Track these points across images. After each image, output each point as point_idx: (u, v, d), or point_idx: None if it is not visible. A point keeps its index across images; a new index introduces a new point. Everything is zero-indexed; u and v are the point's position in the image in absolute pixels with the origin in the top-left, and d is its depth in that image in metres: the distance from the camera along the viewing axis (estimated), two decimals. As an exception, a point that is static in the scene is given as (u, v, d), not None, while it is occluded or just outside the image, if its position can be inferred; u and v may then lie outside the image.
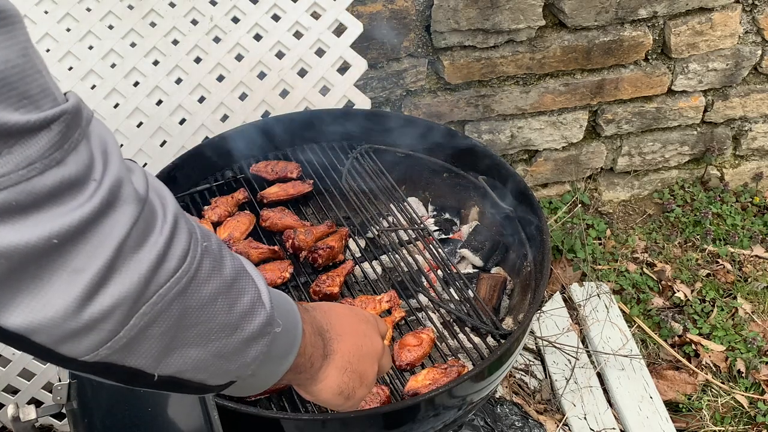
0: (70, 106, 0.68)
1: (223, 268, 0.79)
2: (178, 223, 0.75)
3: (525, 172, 2.96)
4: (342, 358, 1.05)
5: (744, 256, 2.88)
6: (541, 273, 1.76)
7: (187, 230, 0.76)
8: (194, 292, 0.75)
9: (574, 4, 2.57)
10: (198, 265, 0.75)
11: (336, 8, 2.28)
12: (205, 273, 0.76)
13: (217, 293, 0.78)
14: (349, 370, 1.06)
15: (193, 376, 0.80)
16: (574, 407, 2.29)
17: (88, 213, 0.66)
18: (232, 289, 0.80)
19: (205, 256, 0.77)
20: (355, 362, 1.07)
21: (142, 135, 2.16)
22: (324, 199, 2.05)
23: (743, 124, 3.06)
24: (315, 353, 1.00)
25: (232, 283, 0.80)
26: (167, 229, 0.73)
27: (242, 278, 0.82)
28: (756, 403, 2.40)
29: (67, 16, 2.17)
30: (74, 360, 0.71)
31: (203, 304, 0.76)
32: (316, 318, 1.03)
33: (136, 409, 1.30)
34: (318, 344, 1.01)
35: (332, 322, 1.06)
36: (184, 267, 0.74)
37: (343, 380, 1.05)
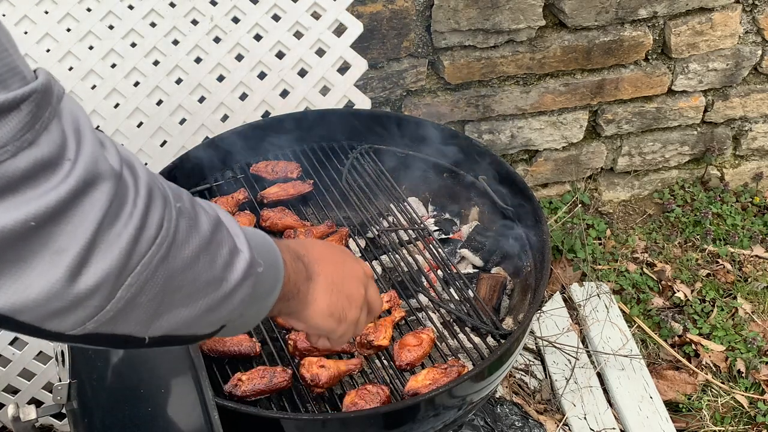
0: (40, 84, 0.67)
1: (200, 224, 0.80)
2: (152, 192, 0.74)
3: (525, 172, 2.96)
4: (326, 279, 1.06)
5: (744, 256, 2.88)
6: (541, 273, 1.76)
7: (161, 196, 0.76)
8: (176, 255, 0.76)
9: (574, 4, 2.57)
10: (176, 228, 0.76)
11: (336, 8, 2.28)
12: (183, 234, 0.77)
13: (198, 251, 0.78)
14: (336, 290, 1.07)
15: (185, 332, 0.81)
16: (574, 407, 2.29)
17: (64, 194, 0.66)
18: (212, 244, 0.80)
19: (181, 218, 0.77)
20: (340, 282, 1.08)
21: (142, 135, 2.16)
22: (324, 199, 2.05)
23: (743, 124, 3.06)
24: (299, 278, 1.01)
25: (210, 238, 0.80)
26: (142, 200, 0.73)
27: (219, 230, 0.82)
28: (756, 403, 2.40)
29: (67, 16, 2.17)
30: (62, 334, 0.71)
31: (186, 265, 0.77)
32: (291, 246, 1.04)
33: (136, 409, 1.30)
34: (300, 269, 1.02)
35: (308, 248, 1.08)
36: (163, 233, 0.74)
37: (332, 300, 1.07)
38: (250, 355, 1.63)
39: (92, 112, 2.14)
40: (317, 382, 1.55)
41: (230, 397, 1.54)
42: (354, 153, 2.13)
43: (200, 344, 1.60)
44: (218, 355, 1.63)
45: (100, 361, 1.38)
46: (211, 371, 1.60)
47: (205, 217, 0.81)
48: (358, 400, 1.53)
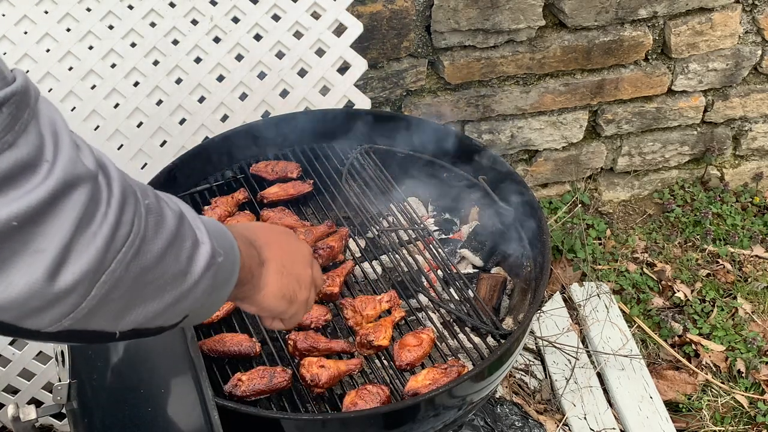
0: (19, 86, 0.68)
1: (166, 220, 0.81)
2: (125, 192, 0.76)
3: (525, 172, 2.96)
4: (276, 262, 1.10)
5: (744, 256, 2.88)
6: (541, 273, 1.76)
7: (132, 194, 0.77)
8: (147, 251, 0.77)
9: (574, 4, 2.57)
10: (145, 225, 0.77)
11: (336, 8, 2.28)
12: (152, 231, 0.78)
13: (166, 246, 0.80)
14: (286, 272, 1.11)
15: (152, 324, 0.83)
16: (574, 407, 2.29)
17: (45, 195, 0.67)
18: (177, 238, 0.82)
19: (149, 215, 0.79)
20: (289, 265, 1.13)
21: (142, 135, 2.16)
22: (324, 199, 2.05)
23: (743, 124, 3.06)
24: (252, 264, 1.05)
25: (176, 232, 0.82)
26: (116, 200, 0.74)
27: (182, 223, 0.84)
28: (756, 403, 2.40)
29: (67, 16, 2.17)
30: (38, 332, 0.73)
31: (156, 260, 0.79)
32: (242, 232, 1.07)
33: (136, 409, 1.30)
34: (253, 255, 1.05)
35: (257, 233, 1.11)
36: (134, 230, 0.76)
37: (283, 282, 1.11)
38: (250, 355, 1.63)
39: (92, 112, 2.14)
40: (317, 382, 1.55)
41: (230, 397, 1.54)
42: (354, 153, 2.13)
43: (200, 344, 1.60)
44: (218, 355, 1.63)
45: (100, 361, 1.38)
46: (211, 371, 1.60)
47: (170, 211, 0.83)
48: (358, 400, 1.53)
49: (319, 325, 1.69)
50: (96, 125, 2.14)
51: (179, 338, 1.34)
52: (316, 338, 1.64)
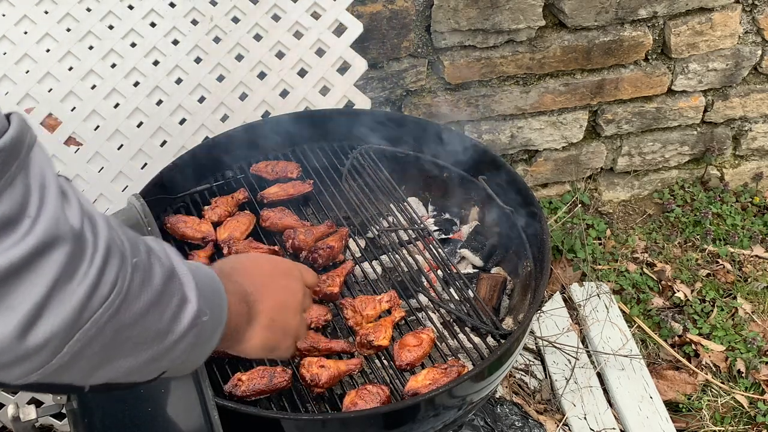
0: (10, 138, 0.66)
1: (153, 278, 0.79)
2: (110, 249, 0.74)
3: (525, 172, 2.96)
4: (266, 317, 1.08)
5: (744, 256, 2.88)
6: (541, 273, 1.76)
7: (119, 252, 0.75)
8: (126, 311, 0.76)
9: (574, 4, 2.57)
10: (129, 284, 0.75)
11: (336, 8, 2.28)
12: (136, 290, 0.77)
13: (149, 306, 0.78)
14: (273, 326, 1.10)
15: (126, 379, 0.82)
16: (574, 407, 2.29)
17: (22, 253, 0.66)
18: (163, 296, 0.80)
19: (136, 273, 0.77)
20: (279, 318, 1.11)
21: (142, 135, 2.16)
22: (324, 199, 2.05)
23: (743, 124, 3.06)
24: (240, 321, 1.03)
25: (162, 290, 0.80)
26: (99, 258, 0.72)
27: (172, 280, 0.82)
28: (756, 403, 2.40)
29: (67, 16, 2.17)
30: (3, 383, 0.72)
31: (136, 319, 0.77)
32: (239, 284, 1.04)
33: (136, 409, 1.30)
34: (243, 311, 1.04)
35: (255, 283, 1.08)
36: (116, 290, 0.74)
37: (267, 336, 1.09)
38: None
39: (92, 112, 2.14)
40: (317, 382, 1.55)
41: (230, 397, 1.54)
42: (354, 153, 2.13)
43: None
44: (218, 355, 1.63)
45: (100, 361, 1.37)
46: (211, 371, 1.60)
47: (159, 268, 0.81)
48: (358, 400, 1.53)
49: (319, 325, 1.69)
50: (96, 125, 2.14)
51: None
52: (316, 338, 1.64)
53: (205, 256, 1.84)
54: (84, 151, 2.12)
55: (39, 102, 2.10)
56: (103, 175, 2.12)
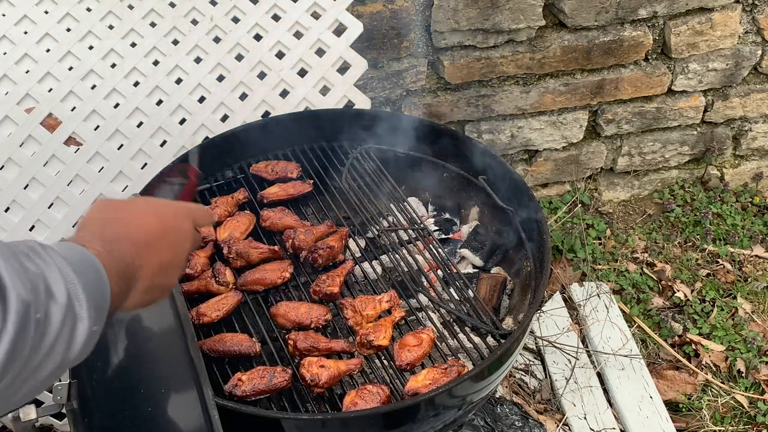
0: None
1: (50, 326, 0.82)
2: (17, 335, 0.76)
3: (525, 172, 2.96)
4: (146, 282, 1.07)
5: (744, 256, 2.88)
6: (541, 273, 1.76)
7: (24, 324, 0.78)
8: (25, 369, 0.80)
9: (574, 4, 2.57)
10: (30, 351, 0.78)
11: (336, 8, 2.28)
12: (36, 348, 0.80)
13: (45, 355, 0.82)
14: (153, 288, 1.10)
15: (28, 399, 0.86)
16: (574, 407, 2.29)
17: None
18: (60, 335, 0.84)
19: (37, 331, 0.79)
20: (160, 281, 1.11)
21: (142, 135, 2.16)
22: (324, 199, 2.05)
23: (743, 124, 3.06)
24: (119, 299, 1.02)
25: (59, 330, 0.83)
26: (3, 350, 0.75)
27: (67, 314, 0.84)
28: (756, 403, 2.40)
29: (67, 16, 2.17)
30: None
31: (34, 369, 0.81)
32: (120, 254, 1.02)
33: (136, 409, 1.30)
34: (123, 289, 1.03)
35: (138, 244, 1.07)
36: (17, 364, 0.77)
37: (146, 297, 1.10)
38: (250, 355, 1.63)
39: (92, 112, 2.14)
40: (317, 382, 1.55)
41: (230, 397, 1.54)
42: (354, 153, 2.13)
43: (200, 344, 1.60)
44: (218, 355, 1.63)
45: (100, 361, 1.38)
46: (211, 371, 1.60)
47: (56, 308, 0.83)
48: (358, 400, 1.53)
49: (319, 325, 1.69)
50: (96, 125, 2.14)
51: (179, 338, 1.34)
52: (316, 338, 1.64)
53: (205, 255, 1.84)
54: (84, 151, 2.12)
55: (39, 102, 2.10)
56: (103, 175, 2.12)
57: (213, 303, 1.72)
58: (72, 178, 2.10)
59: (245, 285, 1.79)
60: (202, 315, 1.69)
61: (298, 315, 1.69)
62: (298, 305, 1.72)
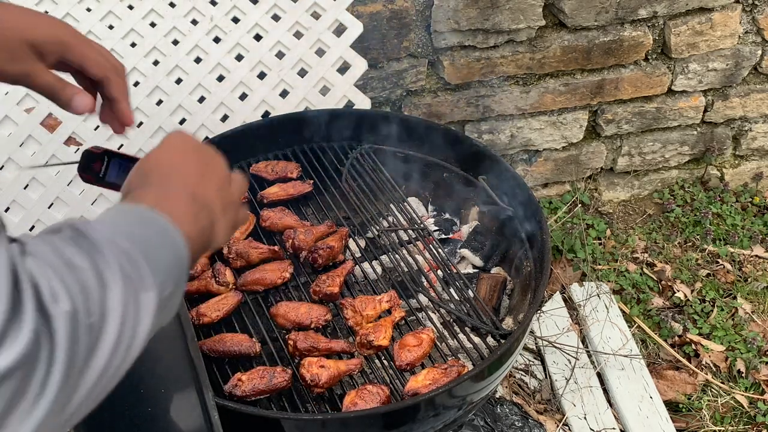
0: None
1: (107, 322, 0.74)
2: (71, 358, 0.70)
3: (525, 172, 2.96)
4: (217, 207, 0.99)
5: (744, 256, 2.88)
6: (541, 273, 1.77)
7: (74, 347, 0.70)
8: (84, 383, 0.74)
9: (574, 4, 2.57)
10: (84, 361, 0.72)
11: (336, 8, 2.28)
12: (92, 356, 0.73)
13: (109, 355, 0.75)
14: (228, 209, 1.02)
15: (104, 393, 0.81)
16: (574, 407, 2.29)
17: None
18: (123, 330, 0.76)
19: (91, 333, 0.72)
20: (227, 198, 1.03)
21: (143, 135, 2.16)
22: (324, 199, 2.05)
23: (743, 124, 3.06)
24: (202, 237, 0.95)
25: (121, 328, 0.76)
26: (54, 381, 0.68)
27: (129, 297, 0.77)
28: (756, 403, 2.40)
29: (67, 16, 2.17)
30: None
31: (98, 378, 0.76)
32: (185, 196, 0.95)
33: (136, 409, 1.30)
34: (200, 227, 0.95)
35: (195, 183, 0.99)
36: (69, 387, 0.71)
37: (227, 220, 1.02)
38: (250, 355, 1.63)
39: (92, 112, 2.14)
40: (317, 382, 1.55)
41: (230, 397, 1.54)
42: (354, 153, 2.13)
43: (200, 344, 1.60)
44: (218, 355, 1.63)
45: (100, 361, 1.37)
46: (211, 371, 1.60)
47: (113, 297, 0.75)
48: (358, 400, 1.53)
49: (319, 325, 1.69)
50: (96, 125, 2.14)
51: (179, 338, 1.34)
52: (316, 338, 1.64)
53: (205, 256, 1.84)
54: (84, 151, 2.12)
55: (39, 102, 2.10)
56: (103, 175, 2.12)
57: (213, 303, 1.72)
58: (72, 178, 2.10)
59: (245, 285, 1.79)
60: (202, 315, 1.69)
61: (298, 315, 1.69)
62: (298, 305, 1.72)
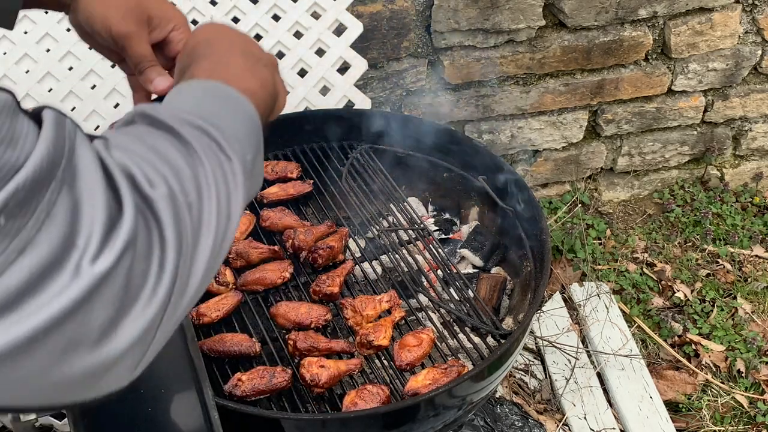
0: (33, 167, 0.53)
1: (203, 198, 0.71)
2: (180, 238, 0.66)
3: (525, 172, 2.96)
4: (265, 67, 1.09)
5: (744, 256, 2.88)
6: (541, 273, 1.77)
7: (178, 223, 0.66)
8: (192, 279, 0.70)
9: (574, 4, 2.57)
10: (192, 247, 0.68)
11: (336, 8, 2.28)
12: (197, 239, 0.69)
13: (214, 223, 0.72)
14: (265, 66, 1.10)
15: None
16: (574, 407, 2.29)
17: (72, 299, 0.56)
18: (220, 197, 0.73)
19: (192, 217, 0.69)
20: (256, 57, 1.08)
21: (142, 135, 2.16)
22: (324, 199, 2.05)
23: (743, 124, 3.06)
24: (267, 103, 1.06)
25: (219, 206, 0.73)
26: (168, 272, 0.64)
27: (224, 178, 0.75)
28: (756, 403, 2.40)
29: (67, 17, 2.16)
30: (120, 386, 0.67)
31: (207, 267, 0.71)
32: (251, 67, 1.02)
33: (136, 409, 1.30)
34: (268, 91, 1.05)
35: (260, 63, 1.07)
36: (180, 273, 0.66)
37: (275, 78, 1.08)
38: (250, 355, 1.63)
39: (92, 112, 2.14)
40: (317, 382, 1.55)
41: (230, 397, 1.54)
42: (354, 153, 2.13)
43: (200, 344, 1.60)
44: (218, 355, 1.63)
45: (100, 361, 1.37)
46: (211, 371, 1.60)
47: (204, 173, 0.72)
48: (358, 400, 1.53)
49: (319, 325, 1.69)
50: (96, 125, 2.14)
51: (179, 338, 1.34)
52: (316, 338, 1.64)
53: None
54: (84, 151, 2.12)
55: (39, 102, 2.10)
56: (103, 175, 2.12)
57: (213, 303, 1.72)
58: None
59: (245, 285, 1.79)
60: (202, 315, 1.69)
61: (298, 315, 1.69)
62: (298, 305, 1.72)
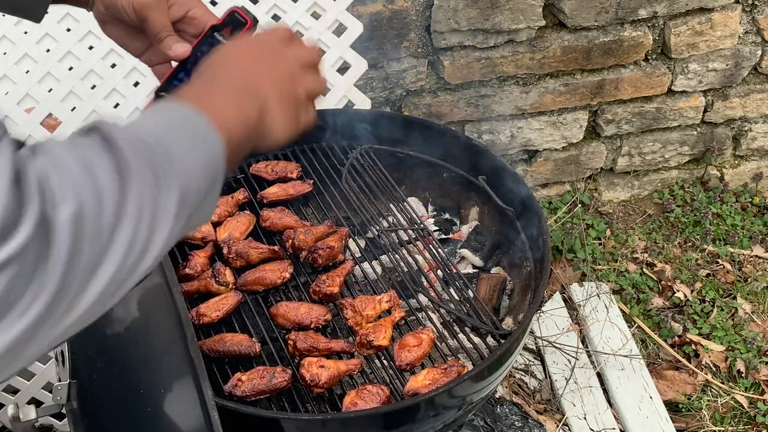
0: None
1: (119, 229, 0.69)
2: (74, 246, 0.66)
3: (525, 172, 2.96)
4: (274, 91, 0.96)
5: (744, 256, 2.88)
6: (541, 273, 1.76)
7: (78, 241, 0.66)
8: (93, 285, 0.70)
9: (574, 4, 2.57)
10: (91, 262, 0.68)
11: (336, 8, 2.28)
12: (97, 258, 0.68)
13: (122, 260, 0.71)
14: (287, 97, 0.99)
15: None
16: (574, 407, 2.29)
17: None
18: (138, 236, 0.71)
19: (97, 237, 0.67)
20: (288, 85, 0.99)
21: (142, 135, 2.15)
22: (324, 199, 2.05)
23: (743, 124, 3.06)
24: (249, 126, 0.92)
25: (135, 235, 0.71)
26: (53, 282, 0.65)
27: (145, 208, 0.71)
28: (756, 403, 2.40)
29: (67, 16, 2.16)
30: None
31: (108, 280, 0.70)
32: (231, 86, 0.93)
33: (136, 409, 1.30)
34: (250, 112, 0.92)
35: (244, 68, 0.97)
36: (74, 287, 0.67)
37: (288, 111, 0.98)
38: (250, 355, 1.63)
39: (92, 112, 2.14)
40: (317, 382, 1.55)
41: (230, 397, 1.54)
42: (354, 153, 2.13)
43: (200, 344, 1.60)
44: (218, 355, 1.63)
45: (100, 361, 1.38)
46: (211, 371, 1.60)
47: (132, 202, 0.70)
48: (358, 400, 1.53)
49: (319, 325, 1.69)
50: (96, 125, 2.14)
51: (179, 338, 1.34)
52: (316, 338, 1.64)
53: (205, 256, 1.84)
54: (84, 151, 2.11)
55: (39, 102, 2.10)
56: (103, 175, 2.12)
57: (213, 303, 1.72)
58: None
59: (245, 285, 1.78)
60: (202, 315, 1.69)
61: (298, 315, 1.69)
62: (298, 305, 1.71)
